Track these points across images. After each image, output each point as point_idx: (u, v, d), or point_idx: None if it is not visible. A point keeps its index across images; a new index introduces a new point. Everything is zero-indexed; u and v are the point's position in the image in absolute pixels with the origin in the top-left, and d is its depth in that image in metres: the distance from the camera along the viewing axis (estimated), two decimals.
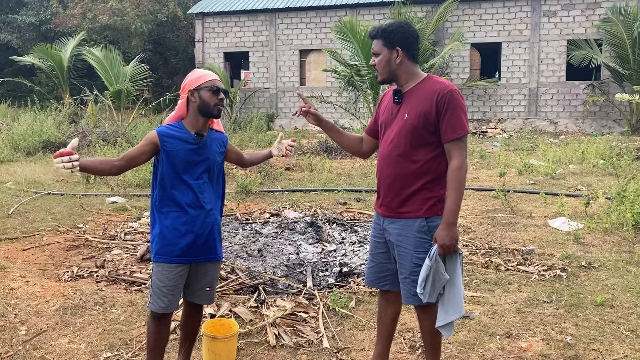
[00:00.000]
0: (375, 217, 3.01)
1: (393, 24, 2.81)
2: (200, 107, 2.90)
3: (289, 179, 10.03)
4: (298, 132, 19.68)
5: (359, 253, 5.45)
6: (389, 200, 2.85)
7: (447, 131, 2.68)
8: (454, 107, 2.68)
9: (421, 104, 2.72)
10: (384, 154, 2.86)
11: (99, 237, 6.19)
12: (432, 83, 2.77)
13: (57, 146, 13.27)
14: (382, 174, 2.88)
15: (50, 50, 20.10)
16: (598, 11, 18.28)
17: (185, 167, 2.93)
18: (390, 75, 2.82)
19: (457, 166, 2.69)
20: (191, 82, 2.92)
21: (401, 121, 2.77)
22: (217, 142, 3.06)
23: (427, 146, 2.75)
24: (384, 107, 2.96)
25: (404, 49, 2.78)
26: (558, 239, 5.99)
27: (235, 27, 22.15)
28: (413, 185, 2.77)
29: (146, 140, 2.93)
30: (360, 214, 7.19)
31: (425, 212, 2.77)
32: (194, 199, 2.93)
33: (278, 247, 5.57)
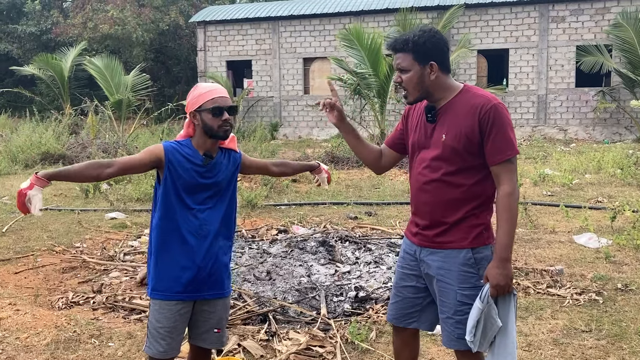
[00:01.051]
0: (406, 245, 2.64)
1: (423, 34, 2.39)
2: (205, 130, 2.56)
3: (296, 191, 9.67)
4: (302, 142, 19.35)
5: (375, 274, 5.07)
6: (428, 229, 2.49)
7: (494, 153, 2.32)
8: (500, 124, 2.31)
9: (461, 122, 2.36)
10: (419, 179, 2.51)
11: (96, 257, 5.83)
12: (471, 96, 2.39)
13: (56, 158, 12.94)
14: (418, 200, 2.52)
15: (51, 60, 19.83)
16: (607, 16, 17.94)
17: (189, 191, 2.57)
18: (424, 93, 2.44)
19: (507, 192, 2.32)
20: (191, 103, 2.57)
21: (438, 143, 2.42)
22: (229, 164, 2.70)
23: (470, 170, 2.40)
24: (414, 123, 2.58)
25: (439, 62, 2.40)
26: (586, 257, 5.60)
27: (238, 35, 21.87)
28: (457, 212, 2.42)
29: (149, 151, 2.56)
30: (372, 229, 6.81)
31: (471, 241, 2.42)
32: (197, 226, 2.58)
33: (288, 268, 5.20)
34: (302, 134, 21.13)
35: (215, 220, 2.63)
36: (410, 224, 2.62)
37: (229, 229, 2.73)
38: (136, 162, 2.53)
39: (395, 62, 2.46)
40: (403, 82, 2.44)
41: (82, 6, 26.57)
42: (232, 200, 2.72)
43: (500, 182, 2.35)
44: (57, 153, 13.11)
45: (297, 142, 19.56)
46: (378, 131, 12.98)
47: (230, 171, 2.70)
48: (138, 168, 2.57)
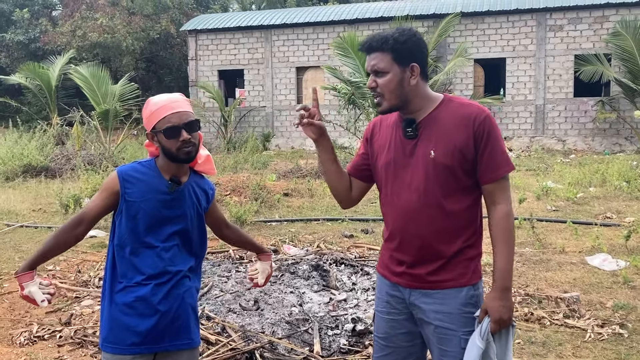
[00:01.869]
0: (387, 286, 2.19)
1: (403, 33, 2.02)
2: (164, 153, 2.12)
3: (288, 206, 9.20)
4: (295, 152, 18.91)
5: (373, 303, 4.59)
6: (418, 267, 2.08)
7: (490, 169, 2.02)
8: (495, 137, 2.02)
9: (452, 135, 2.01)
10: (402, 206, 2.08)
11: (69, 282, 5.34)
12: (457, 107, 2.04)
13: (38, 170, 12.43)
14: (404, 233, 2.09)
15: (38, 69, 19.34)
16: (606, 25, 17.66)
17: (150, 225, 2.12)
18: (401, 101, 2.04)
19: (505, 213, 2.02)
20: (145, 122, 2.14)
21: (425, 160, 2.03)
22: (200, 193, 2.25)
23: (462, 191, 2.05)
24: (383, 141, 2.16)
25: (420, 65, 2.04)
26: (602, 281, 5.16)
27: (230, 44, 21.46)
28: (453, 244, 2.05)
29: (106, 189, 2.14)
30: (370, 249, 6.35)
31: (471, 277, 2.07)
32: (160, 268, 2.12)
33: (277, 296, 4.72)
34: (294, 144, 20.69)
35: (183, 260, 2.18)
36: (390, 260, 2.17)
37: (197, 266, 2.28)
38: (99, 209, 2.16)
39: (370, 64, 2.06)
40: (378, 87, 2.04)
41: (71, 14, 26.11)
42: (203, 234, 2.27)
43: (495, 201, 2.04)
44: (40, 165, 12.61)
45: (290, 152, 19.12)
46: None
47: (203, 202, 2.25)
48: (105, 212, 2.18)
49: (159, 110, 2.10)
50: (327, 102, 20.24)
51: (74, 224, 2.13)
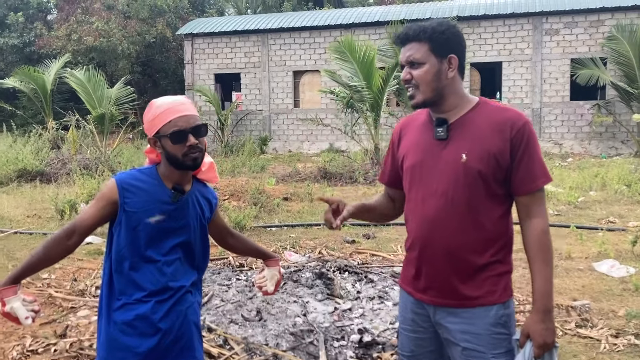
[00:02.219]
0: (411, 303, 2.06)
1: (442, 23, 1.92)
2: (169, 159, 1.97)
3: (287, 210, 9.07)
4: (293, 156, 18.79)
5: (379, 313, 4.48)
6: (442, 282, 1.94)
7: (526, 180, 1.88)
8: (533, 145, 1.90)
9: (487, 139, 1.87)
10: (426, 213, 1.94)
11: (65, 291, 5.19)
12: (494, 111, 1.92)
13: (33, 175, 12.26)
14: (427, 243, 1.95)
15: (33, 73, 19.13)
16: (602, 29, 17.65)
17: (152, 237, 1.98)
18: (436, 95, 1.92)
19: (543, 228, 1.89)
20: (148, 127, 1.99)
21: (456, 165, 1.89)
22: (204, 202, 2.12)
23: (493, 201, 1.91)
24: (410, 142, 2.04)
25: (459, 58, 1.93)
26: (612, 288, 5.05)
27: (226, 48, 21.35)
28: (481, 257, 1.91)
29: (103, 198, 1.99)
30: (372, 255, 6.23)
31: (501, 294, 1.92)
32: (162, 283, 1.99)
33: (281, 305, 4.59)
34: (292, 147, 20.58)
35: (186, 274, 2.05)
36: (412, 274, 2.03)
37: (199, 281, 2.16)
38: (95, 219, 2.01)
39: (405, 55, 1.94)
40: (413, 79, 1.92)
41: (66, 18, 25.94)
42: (205, 246, 2.15)
43: (530, 214, 1.90)
44: (35, 170, 12.44)
45: (287, 156, 19.00)
46: (372, 145, 12.44)
47: (206, 212, 2.13)
48: (100, 223, 2.03)
49: (163, 113, 1.97)
50: (323, 106, 20.15)
51: (66, 234, 1.99)
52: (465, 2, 19.91)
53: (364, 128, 14.72)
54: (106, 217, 2.01)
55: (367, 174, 11.69)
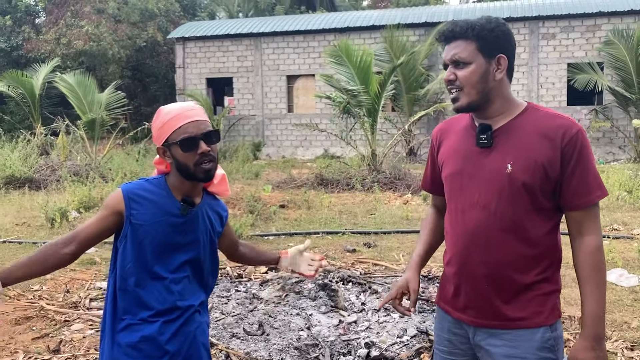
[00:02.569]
0: (449, 322, 1.91)
1: (490, 20, 1.75)
2: (179, 169, 1.81)
3: (284, 218, 8.88)
4: (287, 162, 18.60)
5: (386, 326, 4.30)
6: (483, 301, 1.78)
7: (578, 194, 1.72)
8: (587, 156, 1.73)
9: (534, 148, 1.71)
10: (468, 227, 1.79)
11: (57, 303, 4.97)
12: (544, 117, 1.75)
13: (22, 182, 11.98)
14: (467, 258, 1.80)
15: (21, 77, 18.83)
16: (598, 34, 17.65)
17: (159, 252, 1.81)
18: (482, 98, 1.76)
19: (596, 246, 1.73)
20: (157, 135, 1.83)
21: (500, 175, 1.73)
22: (214, 216, 1.95)
23: (540, 214, 1.74)
24: (450, 148, 1.88)
25: (509, 58, 1.76)
26: (622, 298, 4.91)
27: (219, 52, 21.16)
28: (527, 275, 1.75)
29: (107, 207, 1.82)
30: (375, 264, 6.05)
31: (548, 316, 1.76)
32: (170, 303, 1.83)
33: (283, 319, 4.40)
34: (285, 153, 20.39)
35: (194, 293, 1.89)
36: (452, 292, 1.88)
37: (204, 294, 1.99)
38: (97, 229, 1.83)
39: (450, 53, 1.78)
40: (457, 79, 1.76)
41: (55, 21, 25.62)
42: (215, 263, 1.99)
43: (583, 232, 1.74)
44: (24, 176, 12.17)
45: (281, 162, 18.81)
46: (369, 151, 12.28)
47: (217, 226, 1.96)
48: (102, 235, 1.85)
49: (172, 119, 1.81)
50: (317, 111, 20.00)
51: (63, 241, 1.81)
52: (460, 6, 19.86)
53: (359, 133, 14.58)
54: (109, 229, 1.85)
55: (364, 180, 11.52)
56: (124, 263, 1.83)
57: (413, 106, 17.66)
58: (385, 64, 15.62)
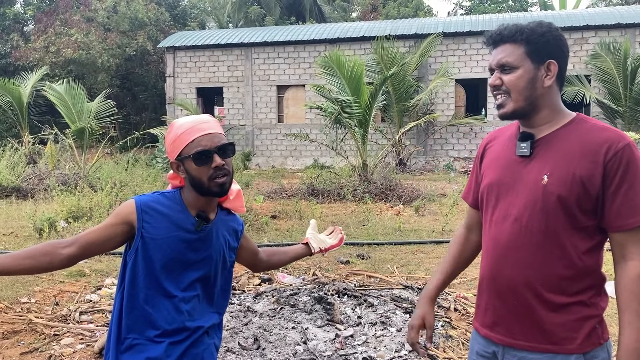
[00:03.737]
0: (478, 343, 1.83)
1: (541, 25, 1.69)
2: (193, 184, 1.75)
3: (276, 229, 8.82)
4: (276, 172, 18.54)
5: (383, 340, 4.25)
6: (514, 320, 1.71)
7: (623, 213, 1.59)
8: (636, 172, 1.59)
9: (575, 160, 1.63)
10: (499, 239, 1.72)
11: (46, 317, 4.87)
12: (590, 129, 1.65)
13: (9, 191, 11.82)
14: (497, 274, 1.73)
15: (8, 85, 18.62)
16: (585, 47, 17.85)
17: (171, 269, 1.75)
18: (529, 105, 1.69)
19: (639, 273, 1.59)
20: (170, 150, 1.77)
21: (535, 186, 1.66)
22: (229, 232, 1.90)
23: (579, 232, 1.63)
24: (492, 158, 1.82)
25: (560, 64, 1.69)
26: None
27: (209, 61, 21.12)
28: (559, 296, 1.65)
29: (117, 215, 1.74)
30: (369, 277, 6.01)
31: (582, 342, 1.64)
32: (178, 323, 1.76)
33: (279, 332, 4.33)
34: (275, 163, 20.34)
35: (203, 314, 1.83)
36: (482, 307, 1.81)
37: (220, 319, 1.93)
38: (103, 236, 1.73)
39: (497, 58, 1.72)
40: (504, 84, 1.69)
41: (44, 30, 25.45)
42: (227, 284, 1.92)
43: (627, 256, 1.61)
44: (11, 185, 12.00)
45: (271, 172, 18.75)
46: (360, 161, 12.27)
47: (231, 242, 1.90)
48: (107, 244, 1.75)
49: (185, 133, 1.75)
50: (307, 121, 19.99)
51: (66, 241, 1.71)
52: (450, 18, 20.02)
53: (350, 144, 14.57)
54: (115, 237, 1.75)
55: (355, 190, 11.49)
56: (133, 277, 1.76)
57: (403, 117, 17.71)
58: (375, 74, 15.65)
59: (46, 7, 29.12)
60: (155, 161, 17.75)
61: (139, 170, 14.83)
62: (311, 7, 32.14)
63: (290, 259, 2.22)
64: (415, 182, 14.18)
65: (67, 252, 1.69)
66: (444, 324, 4.54)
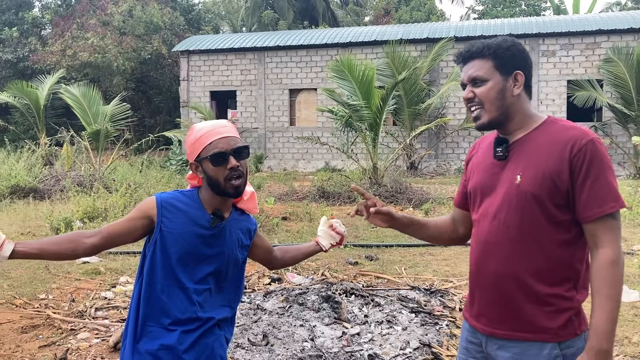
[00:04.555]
0: (468, 332, 1.97)
1: (506, 40, 1.85)
2: (210, 185, 1.90)
3: (287, 230, 8.96)
4: (288, 174, 18.69)
5: (388, 338, 4.36)
6: (495, 311, 1.84)
7: (591, 205, 1.71)
8: (600, 166, 1.72)
9: (544, 159, 1.76)
10: (482, 238, 1.86)
11: (63, 312, 5.04)
12: (558, 129, 1.80)
13: (26, 191, 12.07)
14: (480, 268, 1.87)
15: (26, 88, 19.01)
16: (598, 51, 17.82)
17: (185, 262, 1.90)
18: (502, 114, 1.83)
19: (610, 259, 1.68)
20: (190, 151, 1.93)
21: (510, 186, 1.79)
22: (242, 231, 2.03)
23: (555, 226, 1.76)
24: (475, 163, 1.97)
25: (525, 74, 1.84)
26: (623, 313, 4.96)
27: (223, 65, 21.35)
28: (537, 288, 1.77)
29: (139, 210, 1.90)
30: (377, 277, 6.12)
31: (558, 332, 1.76)
32: (190, 313, 1.90)
33: (287, 329, 4.46)
34: (287, 166, 20.50)
35: (216, 306, 1.96)
36: (469, 299, 1.97)
37: (232, 314, 2.05)
38: (125, 228, 1.90)
39: (467, 73, 1.87)
40: (477, 96, 1.83)
41: (61, 34, 25.89)
42: (239, 279, 2.06)
43: (598, 244, 1.71)
44: (28, 186, 12.26)
45: (283, 174, 18.91)
46: (370, 164, 12.38)
47: (244, 240, 2.03)
48: (129, 235, 1.91)
49: (204, 136, 1.91)
50: (319, 125, 20.14)
51: (90, 232, 1.88)
52: (462, 22, 20.06)
53: (361, 147, 14.69)
54: (135, 230, 1.91)
55: None
56: (151, 268, 1.91)
57: (414, 120, 17.79)
58: (387, 78, 15.77)
59: (63, 11, 29.62)
60: (169, 163, 17.98)
61: (153, 172, 15.06)
62: (324, 11, 32.33)
63: (303, 255, 2.33)
64: (426, 185, 14.25)
65: (91, 242, 1.85)
66: (448, 324, 4.64)
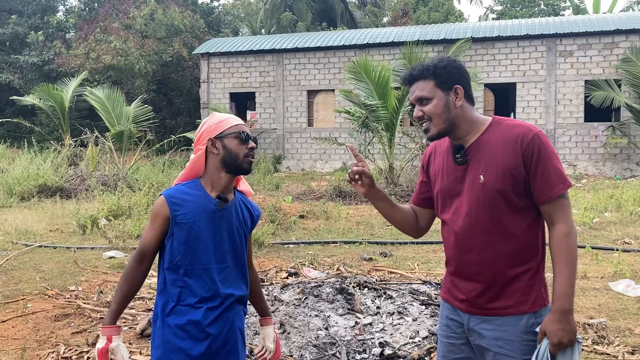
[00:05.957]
0: (448, 310, 2.23)
1: (442, 60, 2.10)
2: (226, 160, 2.15)
3: (304, 228, 9.21)
4: (306, 174, 18.96)
5: (399, 327, 4.58)
6: (476, 294, 2.10)
7: (544, 189, 1.99)
8: (547, 155, 1.99)
9: (501, 158, 2.02)
10: (457, 234, 2.12)
11: (92, 303, 5.35)
12: (506, 128, 2.06)
13: (53, 190, 12.51)
14: (460, 261, 2.13)
15: (51, 91, 19.56)
16: (616, 51, 17.78)
17: (203, 244, 2.15)
18: (449, 125, 2.08)
19: (565, 232, 1.98)
20: (211, 129, 2.19)
21: (475, 186, 2.05)
22: (246, 211, 2.30)
23: (517, 214, 2.04)
24: (437, 168, 2.22)
25: (464, 87, 2.08)
26: (628, 307, 5.12)
27: (242, 67, 21.70)
28: (510, 270, 2.04)
29: (156, 214, 2.17)
30: (390, 272, 6.34)
31: (533, 304, 2.04)
32: (213, 290, 2.16)
33: (303, 319, 4.71)
34: (305, 166, 20.76)
35: (235, 283, 2.22)
36: (451, 286, 2.21)
37: (245, 289, 2.31)
38: (153, 239, 2.18)
39: (414, 94, 2.12)
40: (425, 114, 2.09)
41: (85, 37, 26.50)
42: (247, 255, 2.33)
43: (554, 221, 2.00)
44: (55, 185, 12.70)
45: (301, 174, 19.18)
46: (387, 164, 12.58)
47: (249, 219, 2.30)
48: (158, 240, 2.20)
49: (229, 119, 2.21)
50: (337, 125, 20.37)
51: (137, 262, 2.17)
52: (479, 23, 20.13)
53: (378, 147, 14.88)
54: (163, 233, 2.18)
55: None
56: (172, 257, 2.16)
57: None
58: None
59: (87, 15, 30.30)
60: None
61: (175, 172, 15.44)
62: (342, 13, 32.54)
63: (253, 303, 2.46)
64: None
65: (146, 266, 2.19)
66: None
